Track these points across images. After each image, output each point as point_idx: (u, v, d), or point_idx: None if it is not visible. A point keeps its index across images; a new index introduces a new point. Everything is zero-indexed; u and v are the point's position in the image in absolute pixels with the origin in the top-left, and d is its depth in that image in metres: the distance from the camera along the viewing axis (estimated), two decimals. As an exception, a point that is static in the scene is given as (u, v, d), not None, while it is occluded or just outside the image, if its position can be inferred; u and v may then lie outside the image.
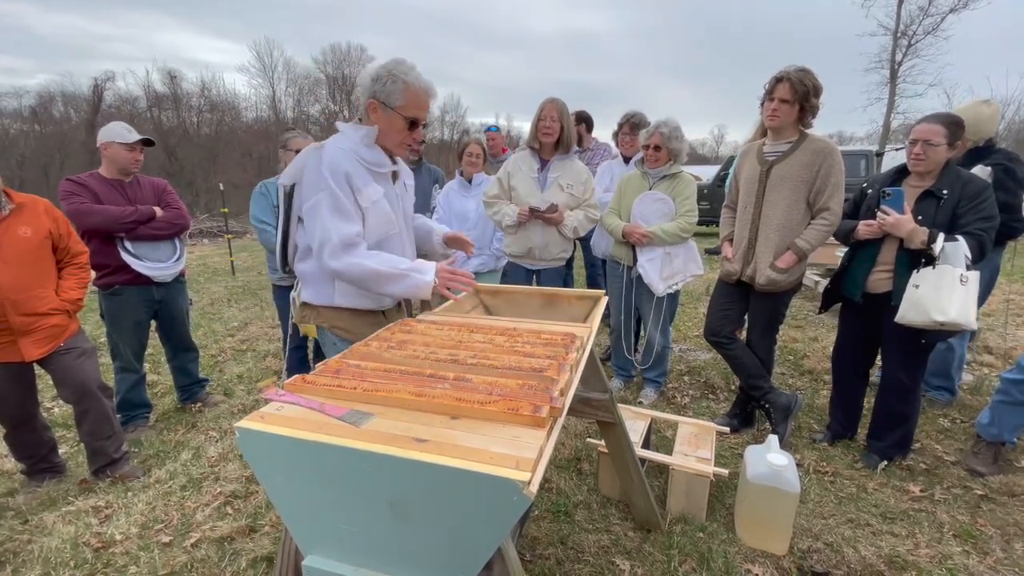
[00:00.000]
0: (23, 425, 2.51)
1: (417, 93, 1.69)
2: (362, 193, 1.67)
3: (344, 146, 1.68)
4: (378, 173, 1.74)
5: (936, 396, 3.30)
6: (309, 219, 1.67)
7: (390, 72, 1.66)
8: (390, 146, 1.76)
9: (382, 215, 1.74)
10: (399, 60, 1.69)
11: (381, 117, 1.70)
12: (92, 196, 2.83)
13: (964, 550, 2.08)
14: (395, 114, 1.69)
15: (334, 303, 1.79)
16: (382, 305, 1.86)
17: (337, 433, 0.93)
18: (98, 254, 2.83)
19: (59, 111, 30.16)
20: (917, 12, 22.05)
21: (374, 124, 1.72)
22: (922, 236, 2.31)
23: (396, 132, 1.73)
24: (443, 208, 3.69)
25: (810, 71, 2.52)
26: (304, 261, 1.79)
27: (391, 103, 1.67)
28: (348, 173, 1.64)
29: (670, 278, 3.21)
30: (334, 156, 1.64)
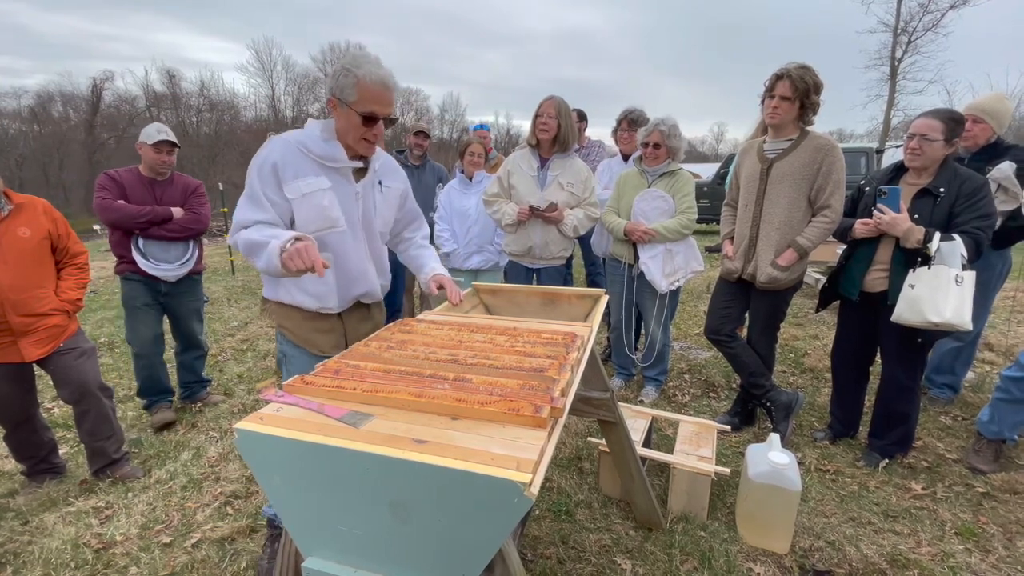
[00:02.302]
0: (23, 426, 2.50)
1: (369, 88, 1.61)
2: (289, 184, 1.63)
3: (291, 137, 1.68)
4: (329, 167, 1.69)
5: (938, 394, 3.29)
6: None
7: (344, 67, 1.61)
8: (351, 142, 1.70)
9: (314, 209, 1.67)
10: (357, 54, 1.64)
11: (340, 114, 1.66)
12: (119, 191, 2.99)
13: (966, 548, 2.07)
14: (350, 110, 1.63)
15: (278, 297, 1.78)
16: (325, 305, 1.79)
17: (336, 434, 0.92)
18: (119, 245, 3.03)
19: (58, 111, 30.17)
20: (917, 9, 21.97)
21: (338, 120, 1.69)
22: (918, 235, 2.30)
23: (354, 128, 1.67)
24: (444, 206, 3.69)
25: (811, 68, 2.51)
26: None
27: (345, 99, 1.62)
28: (276, 164, 1.62)
29: (672, 275, 3.20)
30: (271, 147, 1.64)
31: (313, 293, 1.76)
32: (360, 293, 1.87)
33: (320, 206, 1.68)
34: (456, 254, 3.63)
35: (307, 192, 1.65)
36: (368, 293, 1.89)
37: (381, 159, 1.87)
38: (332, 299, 1.79)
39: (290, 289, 1.76)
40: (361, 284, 1.85)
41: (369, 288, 1.88)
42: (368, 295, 1.90)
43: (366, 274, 1.85)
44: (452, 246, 3.63)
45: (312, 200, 1.66)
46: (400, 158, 4.29)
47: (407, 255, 2.12)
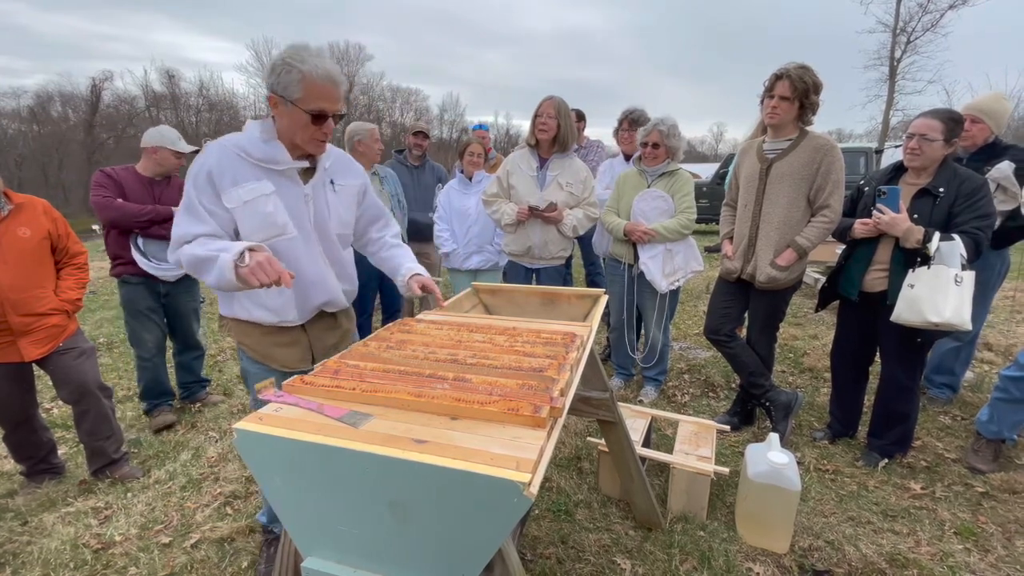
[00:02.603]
0: (22, 426, 2.50)
1: (316, 83, 1.48)
2: (228, 192, 1.51)
3: (228, 141, 1.56)
4: (272, 170, 1.57)
5: (937, 394, 3.29)
6: None
7: (285, 61, 1.46)
8: (299, 142, 1.57)
9: (258, 217, 1.54)
10: (298, 46, 1.49)
11: (283, 112, 1.52)
12: (118, 190, 2.95)
13: (965, 548, 2.08)
14: (295, 108, 1.49)
15: (234, 314, 1.67)
16: (284, 319, 1.68)
17: (336, 434, 0.92)
18: (115, 245, 2.99)
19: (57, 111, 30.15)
20: (916, 9, 22.00)
21: (281, 119, 1.55)
22: (917, 235, 2.30)
23: (301, 128, 1.53)
24: (444, 206, 3.69)
25: (810, 68, 2.51)
26: None
27: (289, 96, 1.48)
28: (211, 172, 1.51)
29: (672, 275, 3.20)
30: (207, 154, 1.53)
31: (270, 307, 1.65)
32: (321, 302, 1.75)
33: (264, 213, 1.55)
34: (456, 254, 3.63)
35: (248, 199, 1.53)
36: (330, 301, 1.77)
37: (332, 157, 1.74)
38: (291, 311, 1.68)
39: (245, 304, 1.65)
40: (320, 292, 1.73)
41: (330, 296, 1.76)
42: (330, 303, 1.78)
43: (325, 281, 1.73)
44: (451, 246, 3.63)
45: (255, 207, 1.54)
46: (399, 158, 4.29)
47: (379, 257, 1.97)
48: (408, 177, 4.14)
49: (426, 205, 4.12)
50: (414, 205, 4.07)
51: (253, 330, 1.69)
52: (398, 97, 40.78)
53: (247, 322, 1.68)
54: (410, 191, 4.07)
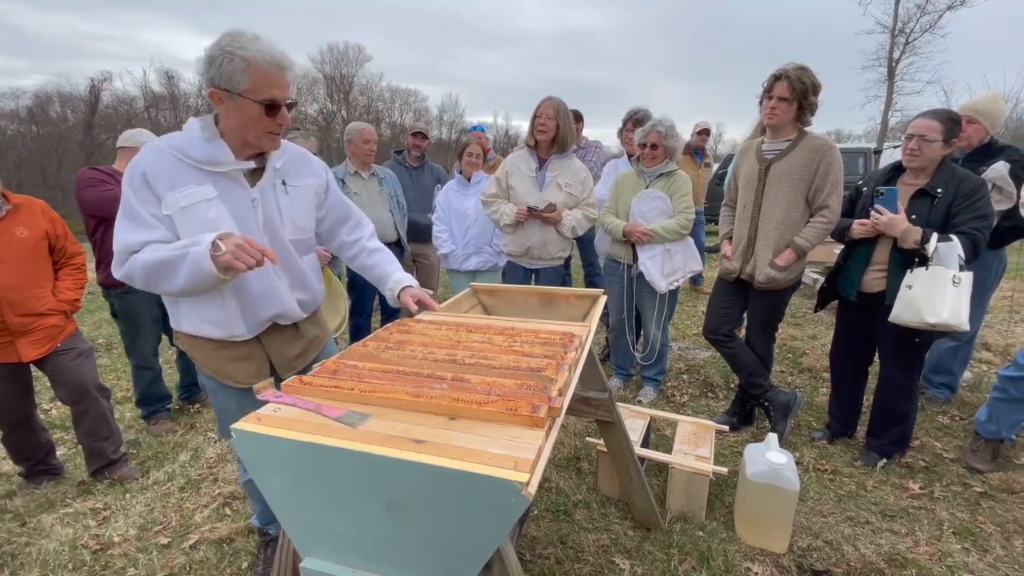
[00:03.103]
0: (21, 426, 2.50)
1: (263, 70, 1.34)
2: (165, 198, 1.38)
3: (163, 143, 1.41)
4: (213, 172, 1.42)
5: (936, 394, 3.30)
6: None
7: (223, 50, 1.31)
8: (251, 139, 1.43)
9: (199, 223, 1.38)
10: (234, 32, 1.34)
11: (230, 108, 1.37)
12: (117, 185, 2.82)
13: (964, 547, 2.08)
14: (244, 100, 1.35)
15: (181, 327, 1.55)
16: (232, 334, 1.54)
17: (334, 434, 0.92)
18: (110, 249, 2.80)
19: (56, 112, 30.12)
20: (915, 10, 22.02)
21: (226, 116, 1.41)
22: (915, 236, 2.31)
23: (253, 122, 1.39)
24: (442, 207, 3.69)
25: (808, 69, 2.51)
26: None
27: (234, 87, 1.34)
28: (146, 174, 1.37)
29: (671, 275, 3.21)
30: (141, 156, 1.40)
31: (215, 321, 1.51)
32: (271, 315, 1.59)
33: (205, 219, 1.40)
34: (454, 255, 3.63)
35: (187, 204, 1.38)
36: (281, 314, 1.61)
37: (285, 155, 1.58)
38: (238, 325, 1.53)
39: (191, 318, 1.52)
40: (269, 305, 1.57)
41: (281, 308, 1.60)
42: (282, 316, 1.62)
43: (274, 292, 1.57)
44: (450, 247, 3.63)
45: (195, 213, 1.39)
46: (398, 159, 4.29)
47: (360, 263, 1.83)
48: (407, 178, 4.14)
49: (425, 206, 4.13)
50: (413, 206, 4.07)
51: (203, 344, 1.55)
52: (397, 98, 40.82)
53: (196, 336, 1.55)
54: (409, 192, 4.07)
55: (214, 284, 1.34)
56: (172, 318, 1.57)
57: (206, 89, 1.37)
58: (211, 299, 1.48)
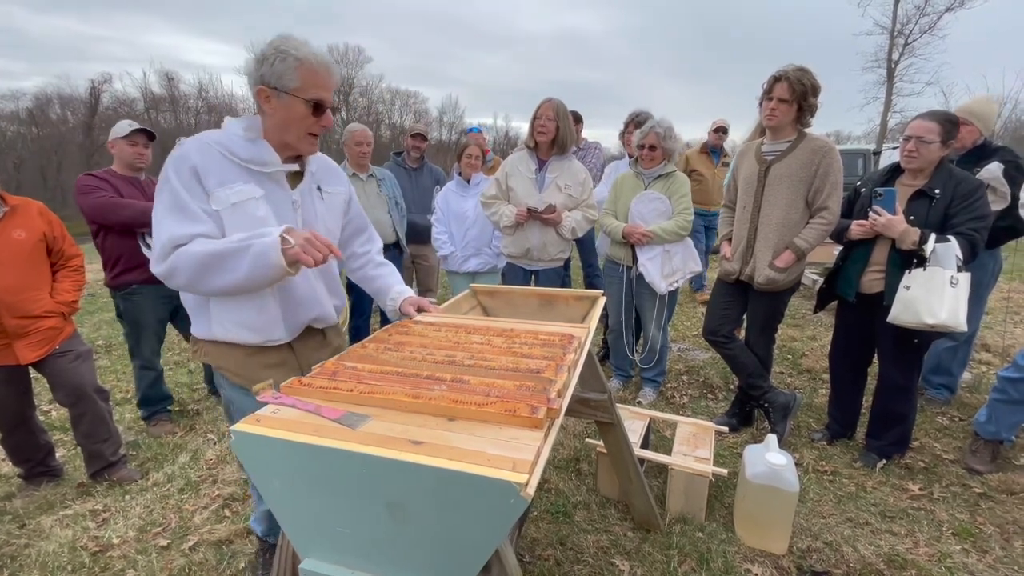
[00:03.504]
0: (19, 428, 2.50)
1: (314, 70, 1.37)
2: (215, 193, 1.36)
3: (208, 138, 1.40)
4: (258, 172, 1.42)
5: (935, 395, 3.30)
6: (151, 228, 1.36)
7: (277, 49, 1.34)
8: (292, 140, 1.44)
9: (248, 222, 1.38)
10: (286, 35, 1.38)
11: (277, 106, 1.39)
12: (114, 191, 2.81)
13: (963, 548, 2.08)
14: (292, 98, 1.37)
15: (212, 335, 1.49)
16: (271, 338, 1.51)
17: (333, 436, 0.92)
18: (113, 250, 2.82)
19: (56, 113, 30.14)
20: (913, 11, 22.11)
21: (271, 115, 1.41)
22: (913, 237, 2.31)
23: (298, 121, 1.40)
24: (442, 208, 3.69)
25: (808, 70, 2.51)
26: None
27: (284, 86, 1.36)
28: (196, 168, 1.34)
29: (671, 276, 3.21)
30: (187, 150, 1.36)
31: (254, 326, 1.47)
32: (311, 318, 1.60)
33: (255, 217, 1.39)
34: (454, 257, 3.63)
35: (237, 201, 1.37)
36: (320, 317, 1.62)
37: (317, 161, 1.61)
38: (278, 328, 1.52)
39: (224, 323, 1.46)
40: (311, 307, 1.58)
41: (321, 311, 1.62)
42: (320, 319, 1.63)
43: (315, 294, 1.59)
44: (449, 249, 3.63)
45: (245, 210, 1.38)
46: (398, 160, 4.29)
47: (364, 274, 1.84)
48: (406, 179, 4.15)
49: (424, 207, 4.13)
50: (412, 207, 4.07)
51: (234, 352, 1.50)
52: (397, 99, 40.85)
53: (227, 343, 1.49)
54: (408, 193, 4.07)
55: (276, 278, 1.33)
56: (199, 325, 1.50)
57: (253, 88, 1.39)
58: (251, 302, 1.45)
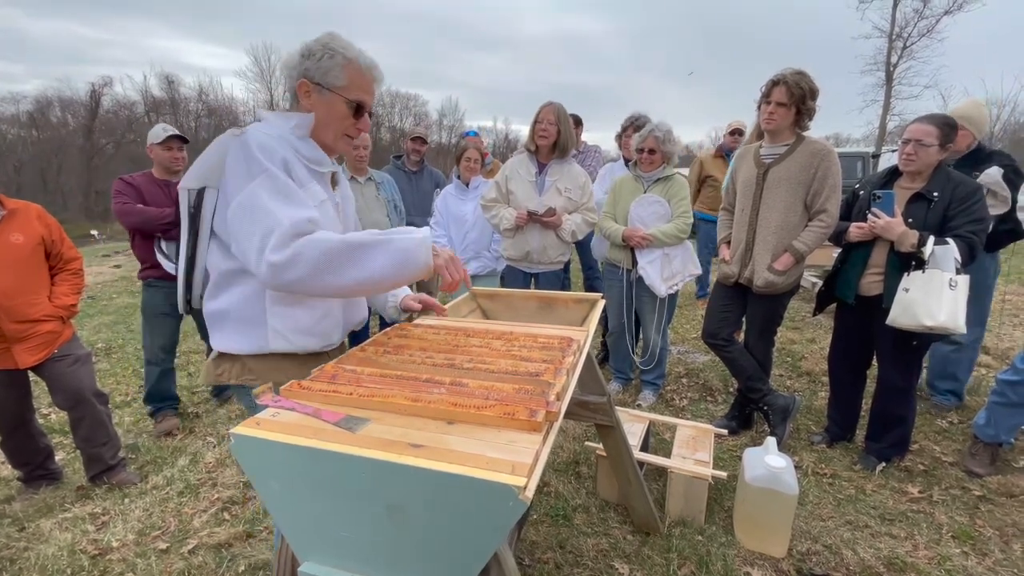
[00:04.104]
0: (19, 431, 2.50)
1: (361, 70, 1.35)
2: (306, 189, 1.30)
3: (273, 132, 1.31)
4: (318, 172, 1.38)
5: (942, 401, 3.29)
6: (242, 219, 1.18)
7: (326, 46, 1.32)
8: (328, 139, 1.39)
9: (328, 221, 1.33)
10: (335, 34, 1.35)
11: (317, 102, 1.34)
12: (137, 196, 3.01)
13: (963, 551, 2.08)
14: (335, 96, 1.33)
15: (269, 349, 1.34)
16: (330, 342, 1.45)
17: (333, 439, 0.93)
18: (141, 249, 3.08)
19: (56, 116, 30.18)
20: (912, 14, 22.20)
21: (310, 111, 1.36)
22: (912, 239, 2.32)
23: (337, 120, 1.36)
24: (441, 211, 3.70)
25: (806, 74, 2.53)
26: (221, 293, 1.32)
27: (329, 83, 1.32)
28: (286, 160, 1.27)
29: (670, 279, 3.22)
30: (264, 140, 1.25)
31: (317, 331, 1.40)
32: (359, 319, 1.58)
33: (332, 218, 1.38)
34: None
35: (321, 199, 1.35)
36: (362, 320, 1.61)
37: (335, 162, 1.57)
38: (337, 331, 1.46)
39: (286, 335, 1.34)
40: (359, 309, 1.57)
41: (364, 314, 1.60)
42: (361, 320, 1.61)
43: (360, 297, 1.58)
44: (449, 251, 3.63)
45: (325, 211, 1.34)
46: (397, 163, 4.30)
47: None
48: (406, 183, 4.15)
49: (425, 210, 4.14)
50: (413, 210, 4.07)
51: (287, 363, 1.36)
52: (397, 102, 40.87)
53: (282, 355, 1.37)
54: (408, 196, 4.08)
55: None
56: (246, 341, 1.33)
57: (293, 81, 1.33)
58: (321, 305, 1.40)
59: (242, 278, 1.30)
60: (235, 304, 1.31)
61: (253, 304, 1.31)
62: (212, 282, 1.34)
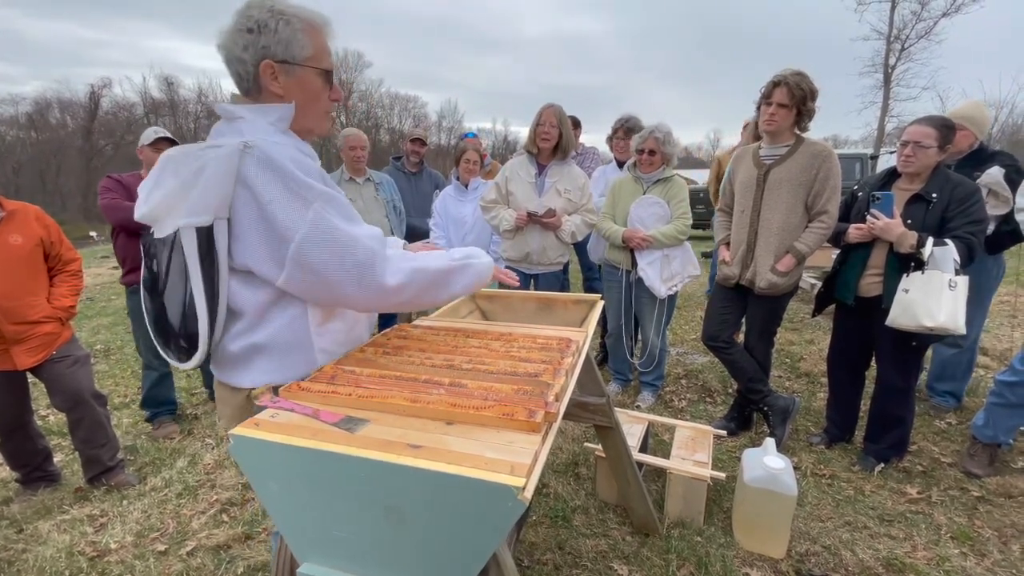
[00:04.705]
0: (17, 433, 2.49)
1: (320, 30, 1.17)
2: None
3: (279, 140, 1.13)
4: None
5: (941, 402, 3.29)
6: (321, 248, 1.06)
7: (273, 11, 1.10)
8: (309, 123, 1.22)
9: None
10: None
11: (287, 83, 1.15)
12: (125, 193, 2.94)
13: (961, 552, 2.08)
14: (306, 70, 1.15)
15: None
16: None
17: (332, 440, 0.93)
18: (124, 249, 2.98)
19: (55, 118, 30.17)
20: (910, 16, 22.28)
21: (280, 97, 1.16)
22: (911, 240, 2.32)
23: (314, 98, 1.19)
24: (440, 213, 3.70)
25: (806, 75, 2.53)
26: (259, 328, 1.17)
27: (295, 56, 1.13)
28: (322, 174, 1.15)
29: (670, 279, 3.22)
30: (291, 154, 1.10)
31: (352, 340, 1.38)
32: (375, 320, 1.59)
33: None
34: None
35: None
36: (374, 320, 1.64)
37: None
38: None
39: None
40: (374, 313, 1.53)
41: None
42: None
43: None
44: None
45: None
46: (397, 164, 4.30)
47: None
48: (406, 184, 4.16)
49: (424, 211, 4.14)
50: (412, 211, 4.08)
51: None
52: (396, 104, 40.85)
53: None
54: (408, 198, 4.08)
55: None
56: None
57: (251, 65, 1.12)
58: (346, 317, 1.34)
59: (284, 305, 1.17)
60: (277, 334, 1.18)
61: (297, 329, 1.20)
62: (246, 320, 1.16)
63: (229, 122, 1.16)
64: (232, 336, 1.17)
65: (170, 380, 3.31)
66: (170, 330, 1.16)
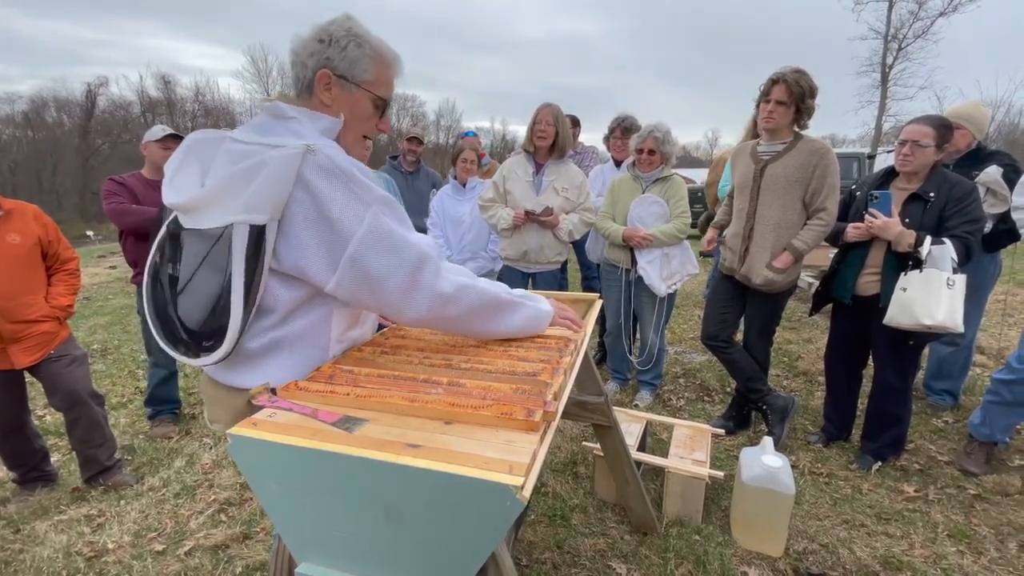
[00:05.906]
0: (14, 433, 2.49)
1: (388, 63, 1.21)
2: None
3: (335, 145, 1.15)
4: None
5: (938, 401, 3.30)
6: (377, 251, 1.07)
7: (350, 32, 1.15)
8: (347, 142, 1.23)
9: None
10: (353, 17, 1.19)
11: (339, 97, 1.18)
12: (131, 196, 2.94)
13: (958, 550, 2.09)
14: (362, 92, 1.19)
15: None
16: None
17: (330, 439, 0.93)
18: (133, 251, 2.97)
19: (52, 117, 30.04)
20: (907, 16, 22.33)
21: (327, 107, 1.19)
22: (909, 239, 2.33)
23: (361, 120, 1.23)
24: (437, 212, 3.69)
25: (805, 72, 2.53)
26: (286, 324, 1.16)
27: (355, 76, 1.17)
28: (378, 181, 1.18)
29: (670, 278, 3.23)
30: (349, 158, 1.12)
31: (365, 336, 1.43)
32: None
33: None
34: (450, 260, 3.63)
35: None
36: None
37: None
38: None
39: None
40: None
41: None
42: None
43: None
44: (445, 252, 3.63)
45: None
46: (394, 164, 4.30)
47: None
48: (403, 183, 4.15)
49: (421, 211, 4.13)
50: (409, 211, 3.99)
51: None
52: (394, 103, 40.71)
53: None
54: (405, 196, 4.07)
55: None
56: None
57: (311, 70, 1.15)
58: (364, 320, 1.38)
59: (316, 301, 1.17)
60: (302, 330, 1.18)
61: (321, 325, 1.21)
62: (277, 316, 1.14)
63: (279, 120, 1.15)
64: (254, 333, 1.14)
65: (175, 379, 3.31)
66: (180, 324, 1.12)
